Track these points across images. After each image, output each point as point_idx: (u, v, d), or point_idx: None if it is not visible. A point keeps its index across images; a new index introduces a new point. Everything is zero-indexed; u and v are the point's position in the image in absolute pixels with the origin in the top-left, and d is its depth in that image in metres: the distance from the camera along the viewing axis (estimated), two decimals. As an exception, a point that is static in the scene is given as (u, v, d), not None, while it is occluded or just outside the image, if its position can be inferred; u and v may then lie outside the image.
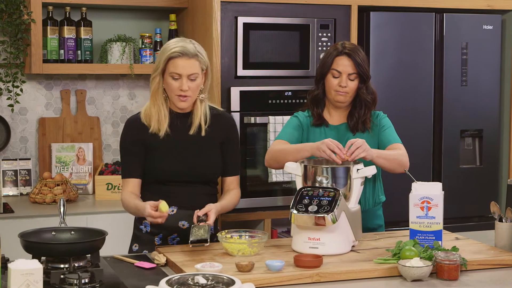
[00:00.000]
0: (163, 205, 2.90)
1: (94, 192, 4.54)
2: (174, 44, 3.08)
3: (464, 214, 4.76)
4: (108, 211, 4.11)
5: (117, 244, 3.37)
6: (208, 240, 2.87)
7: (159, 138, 3.11)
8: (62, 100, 4.66)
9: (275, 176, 4.29)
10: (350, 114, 3.42)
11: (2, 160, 4.53)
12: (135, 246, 3.21)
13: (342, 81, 3.32)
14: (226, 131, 3.22)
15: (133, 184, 3.15)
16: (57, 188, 4.29)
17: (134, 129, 3.15)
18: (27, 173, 4.55)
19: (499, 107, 4.88)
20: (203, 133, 3.15)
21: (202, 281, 2.40)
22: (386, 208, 3.66)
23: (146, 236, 3.19)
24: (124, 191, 3.15)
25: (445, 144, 4.73)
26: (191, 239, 2.86)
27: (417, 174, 4.50)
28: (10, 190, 4.52)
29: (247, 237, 3.02)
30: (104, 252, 3.14)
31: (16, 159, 4.55)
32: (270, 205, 4.38)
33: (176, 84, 3.06)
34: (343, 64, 3.32)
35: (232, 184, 3.27)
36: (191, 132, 3.14)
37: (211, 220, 2.95)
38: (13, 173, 4.52)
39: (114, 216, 4.08)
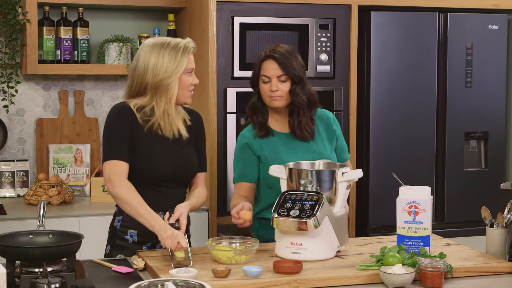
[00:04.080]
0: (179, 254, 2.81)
1: (91, 194, 4.50)
2: (178, 41, 3.00)
3: (467, 219, 4.65)
4: (101, 214, 4.05)
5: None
6: (191, 260, 2.79)
7: (150, 138, 3.01)
8: (60, 101, 4.62)
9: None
10: (289, 122, 3.29)
11: (0, 161, 4.50)
12: (120, 257, 3.05)
13: (272, 85, 3.20)
14: (197, 126, 3.17)
15: (126, 171, 2.96)
16: (52, 190, 4.25)
17: (131, 118, 2.99)
18: (24, 174, 4.52)
19: (506, 109, 4.77)
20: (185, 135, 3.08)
21: (171, 287, 2.35)
22: (383, 211, 3.59)
23: (133, 246, 3.06)
24: (123, 179, 2.94)
25: (449, 147, 4.63)
26: (174, 261, 2.76)
27: (420, 176, 4.49)
28: (7, 192, 4.49)
29: (237, 244, 2.95)
30: (95, 255, 3.11)
31: (13, 160, 4.52)
32: (267, 208, 4.30)
33: (190, 79, 3.02)
34: (269, 68, 3.20)
35: (201, 180, 3.19)
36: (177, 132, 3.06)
37: (183, 226, 2.87)
38: (10, 175, 4.50)
39: (108, 219, 3.99)
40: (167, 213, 2.91)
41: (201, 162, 3.19)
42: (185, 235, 2.83)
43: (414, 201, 2.90)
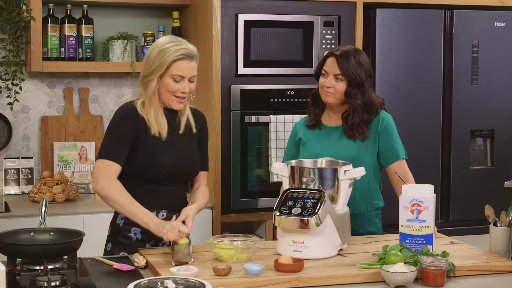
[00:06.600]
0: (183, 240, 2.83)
1: (95, 191, 4.49)
2: (176, 45, 2.96)
3: (473, 217, 4.62)
4: (106, 211, 3.98)
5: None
6: (192, 257, 2.79)
7: (154, 137, 3.00)
8: (65, 98, 4.62)
9: (276, 176, 4.20)
10: (344, 118, 3.32)
11: (4, 158, 4.50)
12: (123, 255, 3.03)
13: (327, 81, 3.26)
14: (201, 126, 3.16)
15: (117, 172, 2.96)
16: (56, 187, 4.25)
17: (136, 119, 2.99)
18: (29, 171, 4.52)
19: (512, 107, 4.74)
20: (194, 130, 3.10)
21: (171, 285, 2.34)
22: (390, 210, 3.55)
23: (136, 244, 3.04)
24: (112, 179, 2.92)
25: (455, 145, 4.61)
26: (175, 258, 2.76)
27: (426, 174, 4.46)
28: (12, 189, 4.49)
29: (239, 242, 2.94)
30: (99, 253, 3.11)
31: (18, 158, 4.52)
32: (271, 206, 4.26)
33: (177, 86, 2.97)
34: (329, 65, 3.27)
35: (203, 180, 3.19)
36: (181, 131, 3.07)
37: (189, 227, 2.86)
38: (15, 172, 4.49)
39: (111, 216, 4.01)
40: (174, 216, 2.90)
41: (204, 161, 3.18)
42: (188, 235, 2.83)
43: (417, 199, 2.88)
